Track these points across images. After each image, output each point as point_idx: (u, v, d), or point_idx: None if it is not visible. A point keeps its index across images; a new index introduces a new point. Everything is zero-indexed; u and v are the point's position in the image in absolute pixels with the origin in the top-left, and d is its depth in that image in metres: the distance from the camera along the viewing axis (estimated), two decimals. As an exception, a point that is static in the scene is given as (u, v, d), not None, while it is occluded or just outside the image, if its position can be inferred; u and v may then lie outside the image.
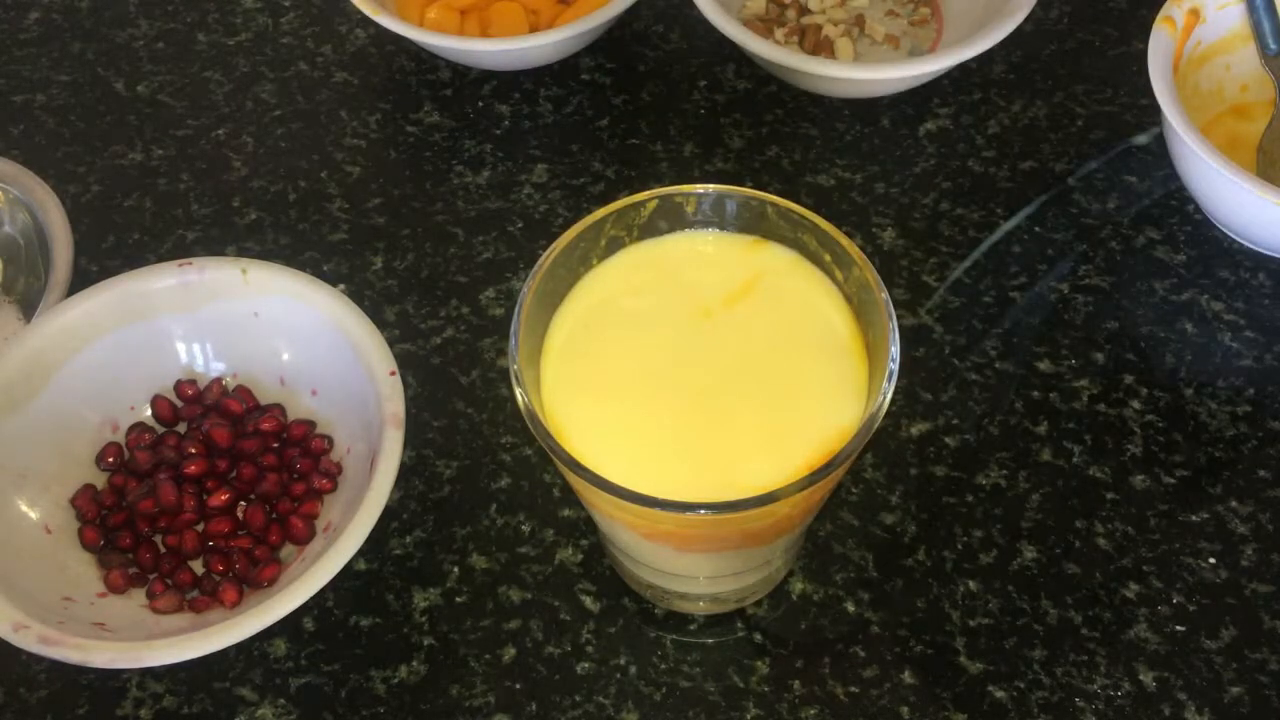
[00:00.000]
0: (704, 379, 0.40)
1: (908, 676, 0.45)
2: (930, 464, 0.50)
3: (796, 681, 0.45)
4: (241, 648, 0.45)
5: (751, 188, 0.42)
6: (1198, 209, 0.57)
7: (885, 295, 0.39)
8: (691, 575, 0.45)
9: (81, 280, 0.53)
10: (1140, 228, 0.57)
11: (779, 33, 0.64)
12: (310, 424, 0.50)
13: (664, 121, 0.62)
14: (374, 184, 0.61)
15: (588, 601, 0.47)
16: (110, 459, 0.49)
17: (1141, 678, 0.45)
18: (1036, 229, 0.58)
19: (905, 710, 0.44)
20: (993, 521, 0.49)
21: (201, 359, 0.51)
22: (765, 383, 0.39)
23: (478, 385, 0.53)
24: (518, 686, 0.45)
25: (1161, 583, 0.47)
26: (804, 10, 0.65)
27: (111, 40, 0.67)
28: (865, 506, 0.49)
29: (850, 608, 0.47)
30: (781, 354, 0.40)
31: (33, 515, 0.47)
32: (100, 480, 0.49)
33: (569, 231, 0.41)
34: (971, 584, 0.47)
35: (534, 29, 0.63)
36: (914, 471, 0.50)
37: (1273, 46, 0.45)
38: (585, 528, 0.49)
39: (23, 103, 0.65)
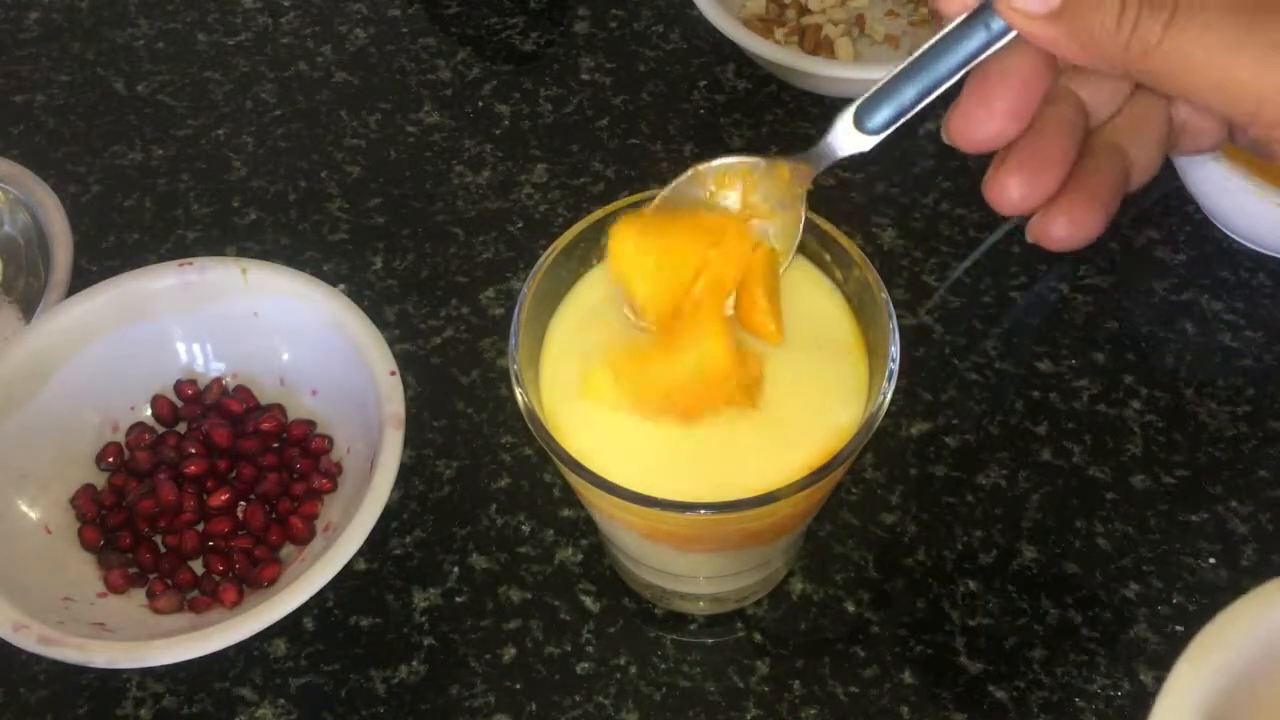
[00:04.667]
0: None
1: (908, 676, 0.45)
2: (930, 464, 0.50)
3: (796, 681, 0.45)
4: (241, 648, 0.45)
5: (751, 188, 0.42)
6: (1198, 209, 0.57)
7: (885, 295, 0.39)
8: (691, 575, 0.45)
9: (81, 280, 0.54)
10: (1140, 228, 0.57)
11: (779, 33, 0.64)
12: (310, 424, 0.50)
13: (664, 121, 0.62)
14: (374, 184, 0.61)
15: (588, 601, 0.47)
16: (110, 459, 0.49)
17: (1141, 677, 0.45)
18: (1036, 229, 0.58)
19: (905, 710, 0.44)
20: (993, 521, 0.49)
21: (201, 359, 0.51)
22: (766, 382, 0.39)
23: (478, 385, 0.53)
24: (518, 686, 0.45)
25: (1161, 583, 0.47)
26: (804, 10, 0.65)
27: (111, 40, 0.67)
28: (865, 506, 0.49)
29: (850, 608, 0.47)
30: (782, 354, 0.40)
31: (33, 515, 0.47)
32: (100, 480, 0.49)
33: (569, 231, 0.41)
34: (971, 584, 0.47)
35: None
36: (914, 471, 0.50)
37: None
38: (585, 528, 0.49)
39: (23, 103, 0.65)
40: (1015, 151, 0.35)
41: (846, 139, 0.37)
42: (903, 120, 0.36)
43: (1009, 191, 0.35)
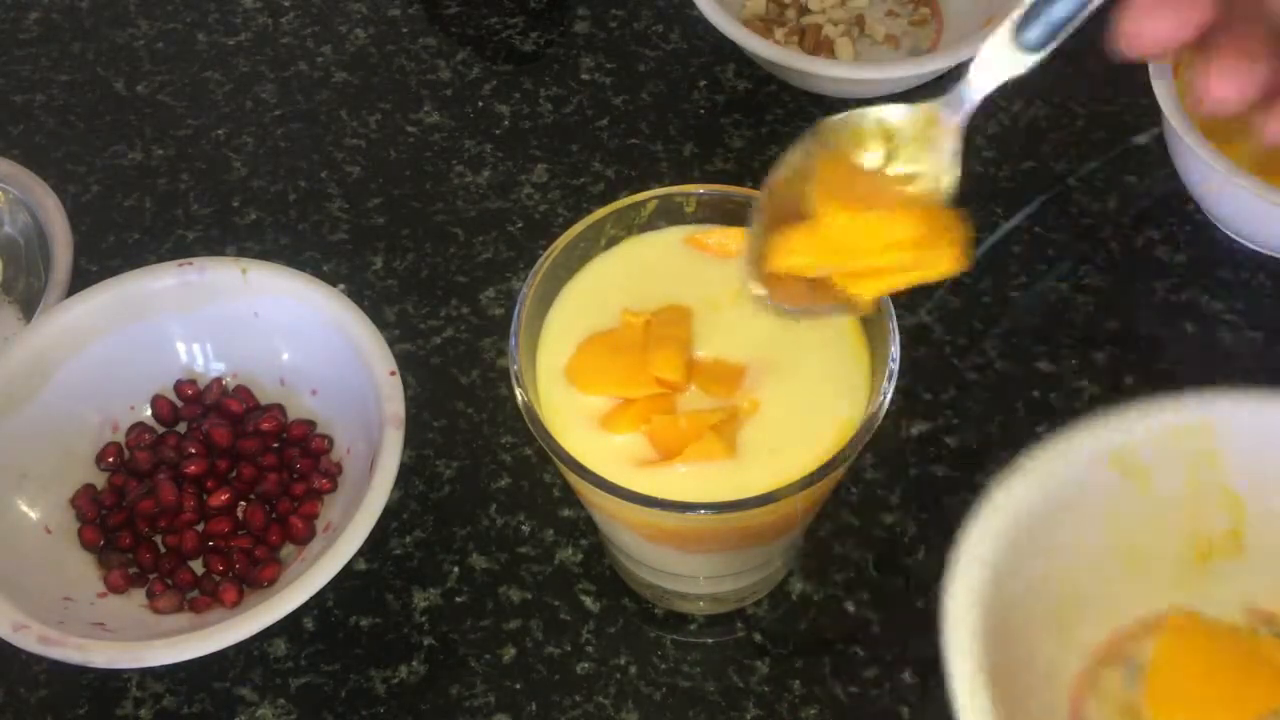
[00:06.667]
0: (705, 378, 0.39)
1: (908, 676, 0.45)
2: (930, 464, 0.50)
3: (796, 681, 0.45)
4: (241, 648, 0.45)
5: (751, 188, 0.42)
6: (1198, 209, 0.57)
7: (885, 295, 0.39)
8: (691, 575, 0.45)
9: (81, 280, 0.54)
10: (1140, 228, 0.57)
11: (779, 33, 0.64)
12: (310, 424, 0.50)
13: (664, 121, 0.62)
14: (374, 184, 0.61)
15: (588, 601, 0.47)
16: (110, 459, 0.49)
17: (1141, 678, 0.45)
18: (1036, 229, 0.58)
19: (905, 710, 0.44)
20: (993, 521, 0.49)
21: (201, 359, 0.51)
22: (766, 382, 0.39)
23: (478, 385, 0.53)
24: (518, 686, 0.45)
25: (1161, 583, 0.47)
26: (804, 10, 0.65)
27: (111, 40, 0.67)
28: (865, 506, 0.49)
29: (850, 608, 0.47)
30: (784, 352, 0.40)
31: (33, 515, 0.47)
32: (100, 480, 0.49)
33: (569, 231, 0.41)
34: (971, 584, 0.47)
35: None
36: (914, 471, 0.50)
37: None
38: (585, 528, 0.49)
39: (23, 103, 0.65)
40: (1218, 53, 0.31)
41: (1003, 60, 0.34)
42: (1069, 30, 0.33)
43: (1223, 91, 0.31)
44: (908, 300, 0.55)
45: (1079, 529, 0.37)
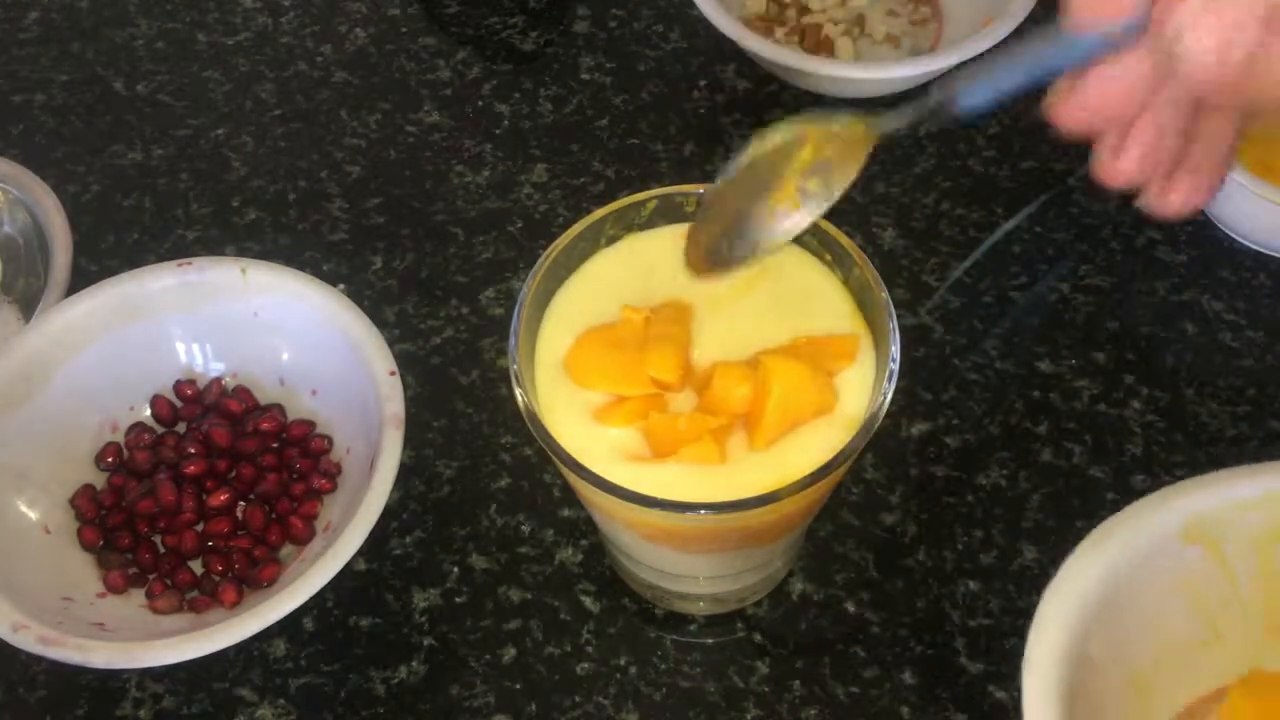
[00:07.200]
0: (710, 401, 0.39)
1: (908, 676, 0.45)
2: (930, 464, 0.50)
3: (796, 681, 0.45)
4: (241, 648, 0.45)
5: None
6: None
7: (885, 295, 0.39)
8: (691, 575, 0.45)
9: (81, 280, 0.53)
10: (1140, 228, 0.57)
11: (779, 32, 0.64)
12: (310, 424, 0.50)
13: (664, 121, 0.62)
14: (374, 184, 0.61)
15: (588, 601, 0.47)
16: (110, 459, 0.49)
17: (1142, 678, 0.45)
18: (1036, 229, 0.58)
19: (905, 710, 0.44)
20: (993, 521, 0.49)
21: (201, 359, 0.51)
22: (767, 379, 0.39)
23: (478, 385, 0.53)
24: (518, 686, 0.45)
25: (1162, 583, 0.47)
26: (804, 10, 0.65)
27: (111, 40, 0.67)
28: (865, 506, 0.49)
29: (850, 608, 0.47)
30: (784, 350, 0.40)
31: (32, 515, 0.47)
32: (100, 480, 0.49)
33: (569, 231, 0.41)
34: (971, 584, 0.47)
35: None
36: (914, 471, 0.50)
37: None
38: (585, 528, 0.49)
39: (22, 103, 0.65)
40: (1133, 134, 0.33)
41: (934, 109, 0.35)
42: (1004, 102, 0.34)
43: (1125, 171, 0.34)
44: (908, 300, 0.55)
45: (1154, 598, 0.37)
